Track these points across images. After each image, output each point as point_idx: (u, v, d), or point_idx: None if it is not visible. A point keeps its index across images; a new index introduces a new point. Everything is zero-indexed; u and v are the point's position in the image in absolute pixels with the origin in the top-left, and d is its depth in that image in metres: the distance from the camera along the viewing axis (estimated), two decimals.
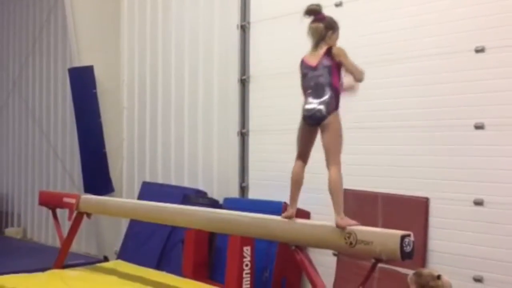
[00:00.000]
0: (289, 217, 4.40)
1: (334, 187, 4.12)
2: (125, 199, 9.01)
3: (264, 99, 7.71)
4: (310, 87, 4.21)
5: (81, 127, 9.77)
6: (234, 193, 7.95)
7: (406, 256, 3.80)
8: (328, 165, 4.16)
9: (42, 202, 7.61)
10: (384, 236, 3.90)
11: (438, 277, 3.65)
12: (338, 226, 4.08)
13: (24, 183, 12.59)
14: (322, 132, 4.15)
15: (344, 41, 4.31)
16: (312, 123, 4.18)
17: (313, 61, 4.23)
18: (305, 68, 4.29)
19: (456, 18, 5.76)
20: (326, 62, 4.18)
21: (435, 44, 5.90)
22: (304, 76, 4.30)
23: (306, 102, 4.22)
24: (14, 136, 12.99)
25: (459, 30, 5.72)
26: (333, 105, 4.14)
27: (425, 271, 3.83)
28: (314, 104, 4.15)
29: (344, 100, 4.22)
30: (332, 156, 4.14)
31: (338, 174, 4.12)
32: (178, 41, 9.07)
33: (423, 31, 6.00)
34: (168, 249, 8.15)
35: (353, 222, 4.10)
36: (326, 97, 4.13)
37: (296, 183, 4.38)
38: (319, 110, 4.12)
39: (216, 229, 5.80)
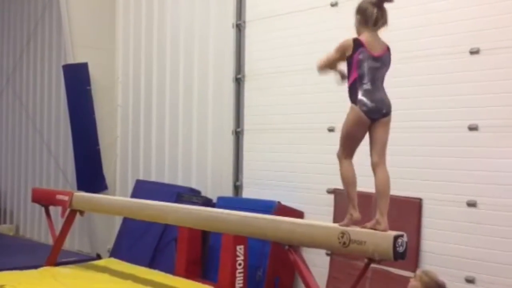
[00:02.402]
0: (357, 221, 4.05)
1: (388, 186, 3.96)
2: (119, 196, 8.99)
3: (259, 98, 7.71)
4: (377, 78, 4.01)
5: (75, 124, 9.73)
6: (228, 192, 7.95)
7: (399, 256, 3.81)
8: (380, 162, 3.98)
9: (35, 199, 7.60)
10: (377, 236, 3.90)
11: None
12: (385, 229, 3.91)
13: (17, 180, 12.54)
14: (382, 126, 3.99)
15: (338, 42, 4.30)
16: (377, 117, 3.97)
17: (379, 51, 4.06)
18: (369, 57, 4.01)
19: (451, 20, 5.77)
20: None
21: (430, 45, 5.91)
22: (369, 64, 4.01)
23: (373, 94, 3.98)
24: (7, 132, 12.92)
25: (454, 32, 5.73)
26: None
27: (435, 276, 3.80)
28: (383, 95, 4.02)
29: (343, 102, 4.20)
30: (384, 154, 4.01)
31: (388, 174, 3.98)
32: (173, 39, 9.06)
33: (418, 32, 6.01)
34: (161, 247, 8.13)
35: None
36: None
37: (355, 185, 4.05)
38: (389, 104, 4.02)
39: (209, 228, 5.79)
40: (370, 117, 3.95)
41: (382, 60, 4.05)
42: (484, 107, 5.51)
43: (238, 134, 7.93)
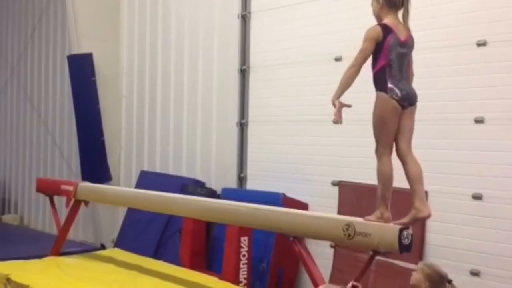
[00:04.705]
0: (388, 222, 3.89)
1: (422, 172, 3.88)
2: (123, 187, 8.99)
3: (264, 90, 7.69)
4: (403, 66, 3.87)
5: (79, 114, 9.75)
6: (232, 183, 7.95)
7: (404, 249, 3.79)
8: (409, 151, 3.90)
9: (40, 189, 7.60)
10: (382, 229, 3.89)
11: (450, 281, 3.67)
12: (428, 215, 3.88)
13: (21, 170, 12.58)
14: (409, 115, 3.89)
15: (343, 34, 4.27)
16: (406, 106, 3.86)
17: (404, 36, 3.88)
18: (398, 42, 3.84)
19: (458, 11, 5.74)
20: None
21: (437, 37, 5.87)
22: (397, 50, 3.84)
23: (401, 82, 3.84)
24: (12, 123, 12.95)
25: (461, 24, 5.70)
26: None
27: (437, 268, 3.80)
28: (408, 84, 3.91)
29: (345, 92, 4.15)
30: (411, 143, 3.92)
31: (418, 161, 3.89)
32: (178, 30, 9.03)
33: (425, 24, 5.96)
34: (166, 238, 8.15)
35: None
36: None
37: (392, 184, 3.88)
38: (415, 92, 3.91)
39: (214, 219, 5.78)
40: (402, 105, 3.85)
41: (408, 45, 3.91)
42: (490, 99, 5.48)
43: (242, 126, 7.91)
